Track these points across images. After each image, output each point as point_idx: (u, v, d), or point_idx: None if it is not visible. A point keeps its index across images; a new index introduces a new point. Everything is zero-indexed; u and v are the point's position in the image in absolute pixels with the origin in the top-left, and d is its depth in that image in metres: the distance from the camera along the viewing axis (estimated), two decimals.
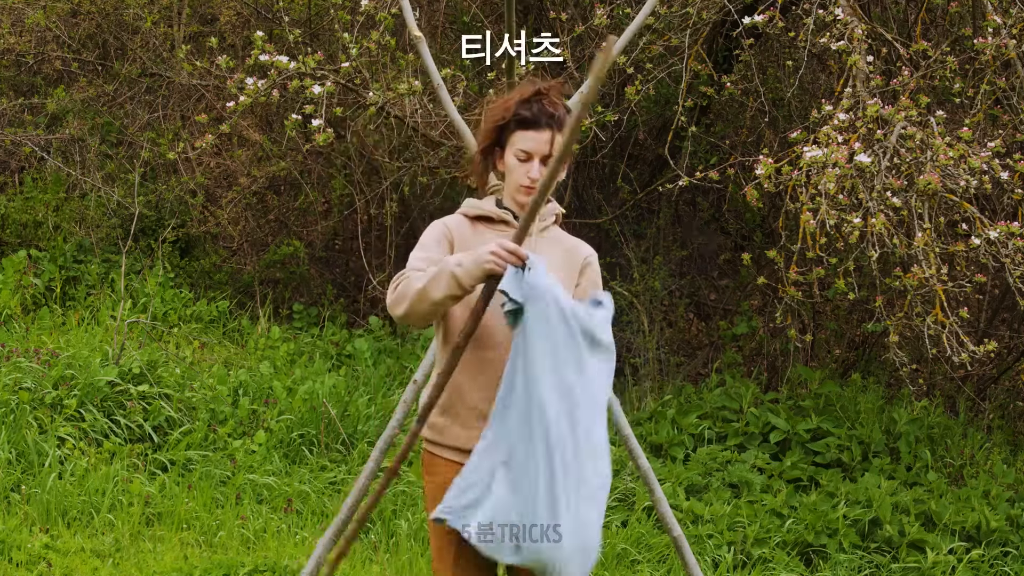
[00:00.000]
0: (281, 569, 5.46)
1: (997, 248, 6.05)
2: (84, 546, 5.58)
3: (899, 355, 6.39)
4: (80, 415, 6.43)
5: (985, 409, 8.43)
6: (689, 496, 6.73)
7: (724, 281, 9.58)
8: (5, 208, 8.74)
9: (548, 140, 3.51)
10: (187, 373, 7.05)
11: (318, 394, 6.96)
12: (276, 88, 6.61)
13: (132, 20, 9.04)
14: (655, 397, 7.95)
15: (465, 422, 3.52)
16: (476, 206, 3.65)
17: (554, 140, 3.51)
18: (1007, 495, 7.04)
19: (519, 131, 3.52)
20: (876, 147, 6.09)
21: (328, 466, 6.60)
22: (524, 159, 3.53)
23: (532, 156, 3.52)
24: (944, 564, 6.34)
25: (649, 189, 8.64)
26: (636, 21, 5.02)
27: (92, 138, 9.01)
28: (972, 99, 6.73)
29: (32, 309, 8.10)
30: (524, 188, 3.55)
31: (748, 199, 6.21)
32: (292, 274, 9.07)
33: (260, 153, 8.98)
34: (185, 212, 9.00)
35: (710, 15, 7.37)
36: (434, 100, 7.55)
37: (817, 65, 8.28)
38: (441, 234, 3.59)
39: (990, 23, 6.43)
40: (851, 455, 7.27)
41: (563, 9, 8.14)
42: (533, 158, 3.52)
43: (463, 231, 3.61)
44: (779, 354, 8.64)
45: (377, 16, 6.71)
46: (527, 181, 3.53)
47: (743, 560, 6.28)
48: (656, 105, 8.48)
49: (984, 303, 8.67)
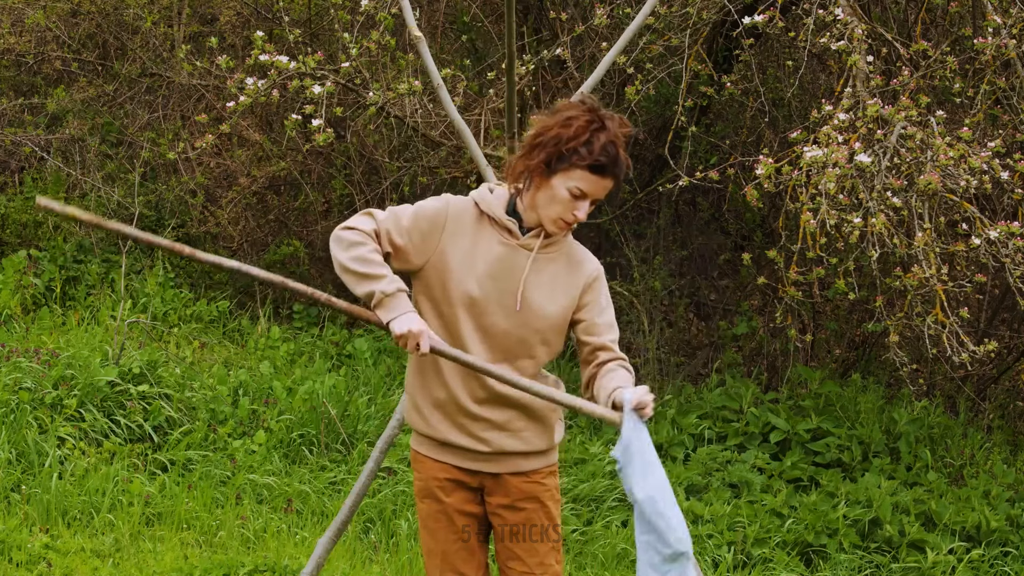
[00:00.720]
0: (281, 569, 5.46)
1: (997, 248, 6.05)
2: (84, 546, 5.58)
3: (899, 355, 6.39)
4: (80, 415, 6.43)
5: (985, 409, 8.43)
6: (689, 496, 6.73)
7: (724, 281, 9.58)
8: (5, 208, 8.74)
9: (607, 187, 3.42)
10: (187, 373, 7.05)
11: (318, 394, 6.96)
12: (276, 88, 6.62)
13: (132, 20, 9.04)
14: (655, 397, 7.95)
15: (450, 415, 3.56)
16: (488, 204, 3.52)
17: (610, 187, 3.42)
18: (1007, 495, 7.04)
19: (581, 170, 3.38)
20: (876, 147, 6.09)
21: (328, 466, 6.60)
22: (577, 196, 3.41)
23: (586, 197, 3.42)
24: (944, 564, 6.34)
25: (649, 189, 8.64)
26: (636, 21, 5.02)
27: (92, 138, 9.01)
28: (972, 99, 6.73)
29: (32, 309, 8.10)
30: (564, 223, 3.45)
31: (748, 199, 6.21)
32: (292, 274, 9.07)
33: (260, 153, 8.98)
34: (185, 212, 9.00)
35: (710, 15, 7.37)
36: (434, 100, 7.56)
37: (817, 65, 8.28)
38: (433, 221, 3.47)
39: (990, 23, 6.43)
40: (851, 455, 7.27)
41: (563, 9, 8.14)
42: (587, 199, 3.42)
43: (463, 220, 3.50)
44: (779, 354, 8.64)
45: (377, 16, 6.71)
46: (571, 218, 3.43)
47: (743, 560, 6.28)
48: (656, 105, 8.48)
49: (984, 303, 8.66)
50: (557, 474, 3.72)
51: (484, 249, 3.49)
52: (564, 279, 3.53)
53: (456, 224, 3.49)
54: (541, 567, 3.66)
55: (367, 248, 3.39)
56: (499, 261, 3.49)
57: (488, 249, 3.49)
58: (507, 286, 3.49)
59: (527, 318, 3.50)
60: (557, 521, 3.70)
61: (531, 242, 3.50)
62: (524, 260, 3.49)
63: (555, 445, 3.69)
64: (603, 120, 3.39)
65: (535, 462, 3.64)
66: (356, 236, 3.40)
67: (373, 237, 3.43)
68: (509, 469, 3.61)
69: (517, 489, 3.63)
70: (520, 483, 3.63)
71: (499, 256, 3.49)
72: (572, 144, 3.36)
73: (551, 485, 3.68)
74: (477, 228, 3.50)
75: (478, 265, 3.48)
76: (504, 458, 3.60)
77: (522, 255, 3.50)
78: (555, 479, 3.70)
